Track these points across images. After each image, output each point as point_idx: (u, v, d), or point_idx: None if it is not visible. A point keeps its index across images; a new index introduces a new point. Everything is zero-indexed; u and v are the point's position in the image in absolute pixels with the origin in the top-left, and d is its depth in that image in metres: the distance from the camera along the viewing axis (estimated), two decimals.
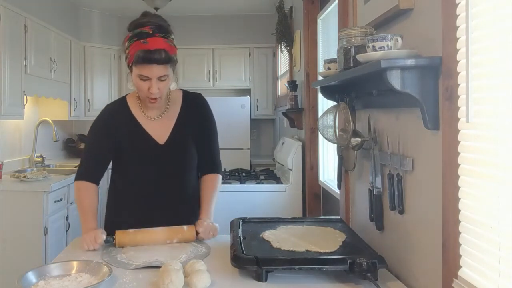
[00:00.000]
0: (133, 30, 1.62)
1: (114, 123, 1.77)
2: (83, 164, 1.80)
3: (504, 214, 0.92)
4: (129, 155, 1.77)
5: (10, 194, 3.15)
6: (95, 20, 5.17)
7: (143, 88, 1.65)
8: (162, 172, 1.76)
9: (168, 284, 1.23)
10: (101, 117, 1.81)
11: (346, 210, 2.03)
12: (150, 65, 1.59)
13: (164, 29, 1.63)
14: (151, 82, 1.63)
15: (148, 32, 1.59)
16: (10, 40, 3.37)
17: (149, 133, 1.76)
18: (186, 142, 1.79)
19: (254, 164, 4.99)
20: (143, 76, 1.62)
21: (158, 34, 1.60)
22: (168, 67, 1.63)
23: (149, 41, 1.58)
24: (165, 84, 1.66)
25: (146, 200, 1.76)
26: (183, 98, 1.84)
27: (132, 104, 1.80)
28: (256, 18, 5.51)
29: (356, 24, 1.81)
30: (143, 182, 1.77)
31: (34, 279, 1.28)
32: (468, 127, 1.04)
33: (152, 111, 1.78)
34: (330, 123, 1.83)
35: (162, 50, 1.58)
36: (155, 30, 1.60)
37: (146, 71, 1.61)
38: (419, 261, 1.30)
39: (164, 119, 1.78)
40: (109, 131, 1.77)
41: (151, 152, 1.75)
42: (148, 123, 1.77)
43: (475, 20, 1.00)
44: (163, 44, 1.60)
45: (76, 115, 4.80)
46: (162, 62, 1.59)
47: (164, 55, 1.58)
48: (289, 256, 1.37)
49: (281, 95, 5.05)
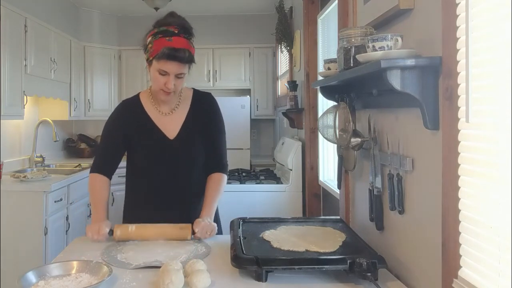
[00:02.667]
0: (159, 27, 1.70)
1: (126, 118, 1.86)
2: (97, 158, 1.90)
3: (504, 214, 0.92)
4: (140, 149, 1.85)
5: (10, 194, 3.15)
6: (95, 20, 5.16)
7: (160, 82, 1.72)
8: (171, 166, 1.83)
9: (168, 284, 1.23)
10: (115, 112, 1.91)
11: (346, 210, 2.03)
12: (173, 62, 1.67)
13: (188, 30, 1.72)
14: (169, 78, 1.71)
15: (174, 31, 1.68)
16: (10, 40, 3.37)
17: (160, 128, 1.83)
18: (194, 139, 1.85)
19: (254, 164, 4.99)
20: (163, 71, 1.70)
21: (183, 34, 1.69)
22: (187, 66, 1.72)
23: (174, 39, 1.67)
24: (181, 82, 1.75)
25: (156, 194, 1.84)
26: (193, 96, 1.90)
27: (144, 100, 1.88)
28: (256, 18, 5.51)
29: (356, 24, 1.81)
30: (153, 175, 1.84)
31: (34, 279, 1.28)
32: (468, 127, 1.04)
33: (163, 106, 1.85)
34: (330, 123, 1.83)
35: (187, 50, 1.68)
36: (180, 31, 1.69)
37: (168, 66, 1.68)
38: (419, 261, 1.30)
39: (174, 115, 1.85)
40: (122, 127, 1.85)
41: (161, 146, 1.82)
42: (159, 118, 1.84)
43: (475, 20, 1.00)
44: (186, 44, 1.69)
45: (76, 115, 4.80)
46: (185, 61, 1.69)
47: (187, 54, 1.68)
48: (289, 256, 1.38)
49: (281, 95, 5.05)
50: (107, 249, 1.59)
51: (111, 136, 1.88)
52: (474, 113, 1.00)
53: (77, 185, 3.75)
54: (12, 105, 3.40)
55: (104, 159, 1.88)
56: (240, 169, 4.37)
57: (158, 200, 1.83)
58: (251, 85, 5.51)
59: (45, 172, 3.56)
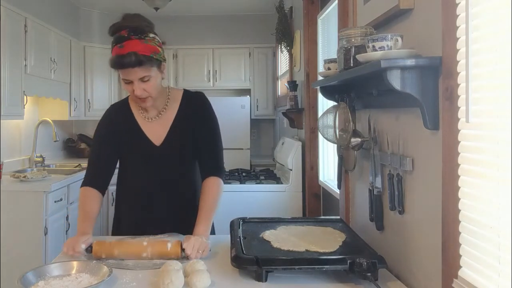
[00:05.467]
0: (113, 35, 1.61)
1: (115, 124, 1.78)
2: (89, 170, 1.79)
3: (504, 214, 0.92)
4: (128, 156, 1.79)
5: (10, 194, 3.15)
6: (95, 20, 5.16)
7: (129, 90, 1.64)
8: (159, 174, 1.75)
9: (168, 284, 1.23)
10: (104, 119, 1.82)
11: (346, 210, 2.03)
12: (124, 69, 1.58)
13: (140, 30, 1.59)
14: (133, 85, 1.61)
15: (124, 35, 1.57)
16: (10, 40, 3.37)
17: (146, 134, 1.75)
18: (182, 143, 1.76)
19: (254, 164, 4.99)
20: (124, 79, 1.62)
21: (134, 36, 1.57)
22: (146, 68, 1.59)
23: (124, 45, 1.56)
24: (150, 85, 1.62)
25: (145, 201, 1.77)
26: (183, 98, 1.80)
27: (133, 104, 1.80)
28: (256, 18, 5.51)
29: (356, 24, 1.80)
30: (141, 182, 1.77)
31: (34, 279, 1.28)
32: (468, 127, 1.04)
33: (149, 112, 1.76)
34: (330, 123, 1.83)
35: (132, 53, 1.55)
36: (130, 33, 1.57)
37: (124, 75, 1.60)
38: (419, 261, 1.30)
39: (161, 120, 1.76)
40: (111, 135, 1.77)
41: (147, 153, 1.75)
42: (146, 124, 1.77)
43: (475, 20, 1.00)
44: (138, 46, 1.56)
45: (76, 115, 4.80)
46: (133, 65, 1.56)
47: (134, 58, 1.55)
48: (289, 256, 1.38)
49: (281, 95, 5.05)
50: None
51: (101, 146, 1.79)
52: (474, 113, 1.00)
53: (77, 185, 3.72)
54: (12, 105, 3.40)
55: (96, 171, 1.77)
56: (240, 169, 4.37)
57: (147, 206, 1.76)
58: (251, 85, 5.51)
59: (45, 172, 3.56)
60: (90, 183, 1.74)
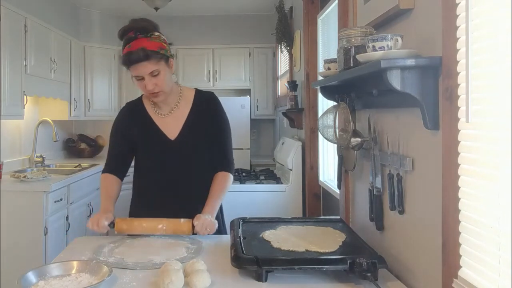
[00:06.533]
0: (121, 38, 1.74)
1: (130, 121, 1.89)
2: (109, 160, 1.92)
3: (504, 214, 0.92)
4: (143, 150, 1.88)
5: (10, 194, 3.15)
6: (95, 20, 5.16)
7: (142, 87, 1.76)
8: (173, 167, 1.84)
9: (168, 284, 1.23)
10: (119, 116, 1.94)
11: (346, 210, 2.03)
12: (134, 65, 1.69)
13: (145, 29, 1.71)
14: (144, 80, 1.72)
15: (132, 36, 1.70)
16: (10, 40, 3.37)
17: (161, 129, 1.85)
18: (196, 139, 1.86)
19: (254, 164, 4.99)
20: (136, 76, 1.73)
21: (140, 35, 1.70)
22: (154, 62, 1.70)
23: (132, 44, 1.69)
24: (161, 79, 1.73)
25: (159, 193, 1.85)
26: (195, 96, 1.91)
27: (146, 101, 1.91)
28: (256, 18, 5.51)
29: (356, 24, 1.80)
30: (156, 176, 1.86)
31: (34, 279, 1.28)
32: (468, 127, 1.04)
33: (162, 108, 1.86)
34: (330, 123, 1.83)
35: (140, 49, 1.67)
36: (137, 32, 1.70)
37: (135, 71, 1.71)
38: (419, 261, 1.30)
39: (175, 116, 1.86)
40: (126, 130, 1.88)
41: (162, 147, 1.84)
42: (160, 118, 1.86)
43: (475, 20, 1.00)
44: (144, 42, 1.68)
45: (76, 115, 4.79)
46: (142, 59, 1.67)
47: (141, 53, 1.66)
48: (289, 256, 1.38)
49: (281, 95, 5.05)
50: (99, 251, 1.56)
51: (116, 142, 1.91)
52: (474, 113, 1.00)
53: (77, 185, 3.75)
54: (12, 105, 3.40)
55: (114, 163, 1.91)
56: (240, 169, 4.36)
57: (162, 200, 1.83)
58: (251, 85, 5.51)
59: (45, 172, 3.56)
60: (110, 170, 1.89)
